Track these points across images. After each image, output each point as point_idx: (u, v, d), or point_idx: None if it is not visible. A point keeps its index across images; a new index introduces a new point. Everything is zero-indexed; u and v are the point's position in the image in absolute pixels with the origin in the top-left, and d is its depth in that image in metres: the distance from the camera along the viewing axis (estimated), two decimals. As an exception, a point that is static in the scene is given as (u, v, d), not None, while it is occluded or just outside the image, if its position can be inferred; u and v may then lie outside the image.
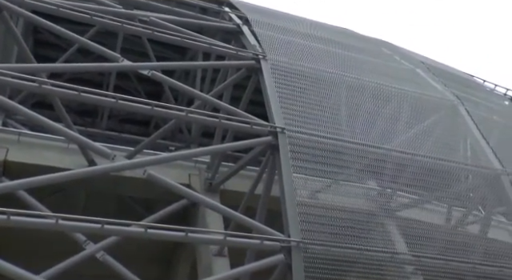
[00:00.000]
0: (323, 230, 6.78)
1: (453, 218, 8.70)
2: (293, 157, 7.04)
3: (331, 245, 6.65)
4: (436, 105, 10.28)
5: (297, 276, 6.29)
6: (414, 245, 7.39)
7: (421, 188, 8.36)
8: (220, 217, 7.99)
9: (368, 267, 6.90)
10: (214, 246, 7.97)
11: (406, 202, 8.52)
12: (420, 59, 12.51)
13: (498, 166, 9.13)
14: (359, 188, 8.05)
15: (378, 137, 8.45)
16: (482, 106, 11.57)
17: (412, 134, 9.02)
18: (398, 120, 9.17)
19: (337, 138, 7.81)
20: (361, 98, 8.99)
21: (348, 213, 7.34)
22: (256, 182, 7.81)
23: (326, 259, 6.57)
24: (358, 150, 7.98)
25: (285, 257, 6.39)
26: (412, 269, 7.44)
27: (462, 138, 10.16)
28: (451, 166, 8.74)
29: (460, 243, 7.61)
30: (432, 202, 8.55)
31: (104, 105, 7.49)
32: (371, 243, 7.04)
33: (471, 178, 9.43)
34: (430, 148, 8.85)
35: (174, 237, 6.14)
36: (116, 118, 13.09)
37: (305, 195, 7.00)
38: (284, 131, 7.20)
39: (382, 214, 7.93)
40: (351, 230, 7.05)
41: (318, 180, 7.49)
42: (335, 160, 7.62)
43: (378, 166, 8.14)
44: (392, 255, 7.15)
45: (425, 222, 7.93)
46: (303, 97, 7.96)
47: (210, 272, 7.85)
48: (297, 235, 6.46)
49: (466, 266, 7.27)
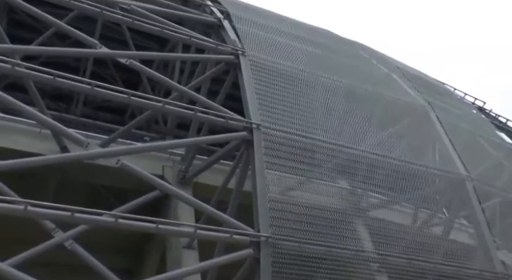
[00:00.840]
0: (293, 227, 6.81)
1: (418, 220, 8.87)
2: (267, 153, 7.04)
3: (300, 241, 6.68)
4: (408, 109, 10.44)
5: (264, 271, 6.30)
6: (380, 244, 7.50)
7: (390, 189, 8.49)
8: (192, 209, 7.95)
9: (335, 264, 6.95)
10: (185, 239, 7.93)
11: (376, 202, 8.64)
12: (395, 64, 12.68)
13: (463, 171, 9.35)
14: (330, 187, 8.12)
15: (350, 137, 8.54)
16: (452, 113, 11.81)
17: (384, 136, 9.14)
18: (371, 122, 9.28)
19: (310, 137, 7.85)
20: (336, 99, 9.06)
21: (318, 210, 7.39)
22: (229, 177, 7.79)
23: (294, 255, 6.60)
24: (331, 149, 8.05)
25: (254, 251, 6.39)
26: (377, 267, 7.56)
27: (431, 143, 10.36)
28: (420, 170, 8.89)
29: (423, 243, 7.77)
30: (400, 204, 8.70)
31: (79, 91, 7.33)
32: (339, 241, 7.10)
33: (438, 182, 9.62)
34: (400, 151, 8.99)
35: (144, 228, 6.07)
36: (91, 104, 12.82)
37: (276, 191, 7.02)
38: (259, 127, 7.20)
39: (351, 212, 8.01)
40: (320, 227, 7.11)
41: (291, 177, 7.52)
42: (308, 158, 7.67)
43: (350, 166, 8.23)
44: (358, 253, 7.23)
45: (392, 222, 8.06)
46: (280, 94, 7.97)
47: (179, 264, 7.82)
48: (266, 230, 6.47)
49: (427, 266, 7.43)
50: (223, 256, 6.77)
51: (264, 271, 6.31)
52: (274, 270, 6.35)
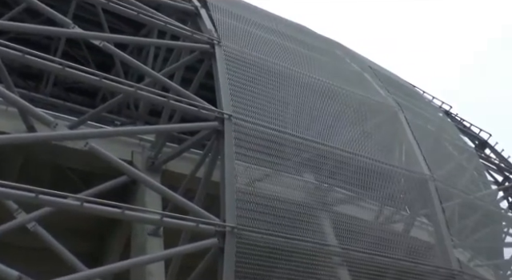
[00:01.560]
0: (258, 218, 6.83)
1: (382, 216, 9.05)
2: (236, 144, 7.04)
3: (264, 232, 6.72)
4: (378, 109, 10.60)
5: (228, 260, 6.32)
6: (343, 238, 7.62)
7: (356, 186, 8.63)
8: (159, 197, 7.89)
9: (298, 256, 7.03)
10: (150, 226, 7.88)
11: (341, 197, 8.77)
12: (368, 64, 12.84)
13: (427, 171, 9.58)
14: (297, 180, 8.19)
15: (320, 133, 8.62)
16: (420, 115, 12.06)
17: (353, 134, 9.26)
18: (342, 119, 9.39)
19: (281, 130, 7.89)
20: (308, 94, 9.12)
21: (284, 203, 7.44)
22: (198, 166, 7.77)
23: (258, 246, 6.64)
24: (300, 143, 8.11)
25: (218, 241, 6.39)
26: (339, 260, 7.69)
27: (399, 143, 10.56)
28: (386, 168, 9.06)
29: (385, 239, 7.94)
30: (365, 200, 8.84)
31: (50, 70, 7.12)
32: (303, 234, 7.17)
33: (403, 181, 9.83)
34: (368, 149, 9.13)
35: (110, 213, 5.99)
36: (61, 85, 12.50)
37: (244, 183, 7.04)
38: (231, 118, 7.18)
39: (316, 206, 8.10)
40: (285, 219, 7.16)
41: (259, 169, 7.55)
42: (277, 151, 7.70)
43: (318, 161, 8.31)
44: (322, 246, 7.32)
45: (356, 218, 8.20)
46: (253, 86, 7.97)
47: (144, 251, 7.77)
48: (232, 221, 6.48)
49: (388, 261, 7.59)
50: (188, 245, 6.75)
51: (228, 261, 6.32)
52: (238, 260, 6.38)
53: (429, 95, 15.72)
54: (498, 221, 12.05)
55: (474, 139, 15.24)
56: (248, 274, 6.41)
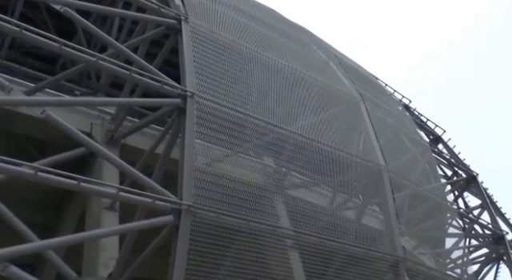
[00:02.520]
0: (215, 198, 6.87)
1: (335, 202, 9.26)
2: (198, 122, 7.00)
3: (221, 213, 6.76)
4: (340, 98, 10.76)
5: (182, 238, 6.33)
6: (296, 221, 7.77)
7: (313, 171, 8.78)
8: (116, 171, 7.78)
9: (251, 237, 7.12)
10: (106, 200, 7.77)
11: (298, 182, 8.90)
12: (334, 53, 12.97)
13: (382, 162, 9.83)
14: (256, 163, 8.25)
15: (282, 117, 8.68)
16: (380, 107, 12.32)
17: (314, 121, 9.38)
18: (304, 106, 9.48)
19: (244, 112, 7.90)
20: (273, 79, 9.15)
21: (242, 184, 7.50)
22: (158, 142, 7.69)
23: (213, 225, 6.68)
24: (262, 127, 8.16)
25: (174, 218, 6.39)
26: (291, 243, 7.84)
27: (358, 133, 10.77)
28: (343, 156, 9.24)
29: (337, 225, 8.13)
30: (320, 186, 9.01)
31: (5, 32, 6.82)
32: (258, 215, 7.25)
33: (358, 170, 10.06)
34: (327, 136, 9.27)
35: (65, 184, 5.85)
36: (19, 49, 11.97)
37: (203, 162, 7.03)
38: (193, 96, 7.12)
39: (272, 189, 8.20)
40: (241, 200, 7.22)
41: (219, 149, 7.56)
42: (238, 132, 7.72)
43: (278, 146, 8.39)
44: (275, 229, 7.44)
45: (310, 203, 8.35)
46: (218, 66, 7.92)
47: (99, 225, 7.67)
48: (189, 199, 6.48)
49: (337, 245, 7.79)
50: (143, 221, 6.72)
51: (182, 239, 6.34)
52: (192, 239, 6.40)
53: (390, 88, 16.10)
54: (443, 212, 12.55)
55: (429, 134, 15.72)
56: (201, 253, 6.45)
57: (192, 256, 6.36)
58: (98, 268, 7.16)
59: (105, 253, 7.34)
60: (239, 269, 6.94)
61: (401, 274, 8.49)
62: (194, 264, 6.37)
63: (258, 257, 7.18)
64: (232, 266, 6.99)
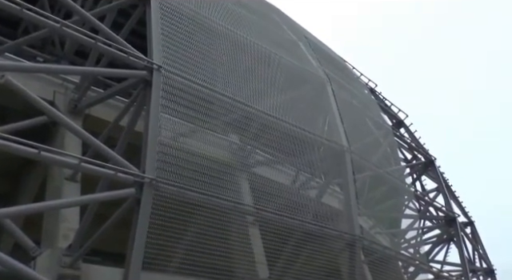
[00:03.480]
0: (178, 172, 6.82)
1: (298, 181, 9.36)
2: (164, 96, 6.90)
3: (183, 187, 6.73)
4: (307, 79, 10.79)
5: (144, 212, 6.29)
6: (258, 199, 7.81)
7: (278, 150, 8.82)
8: (79, 141, 7.58)
9: (213, 213, 7.13)
10: (68, 170, 7.59)
11: (262, 160, 8.93)
12: (304, 34, 12.94)
13: (345, 143, 9.96)
14: (221, 139, 8.22)
15: (249, 96, 8.64)
16: (346, 89, 12.42)
17: (281, 100, 9.38)
18: (271, 85, 9.45)
19: (211, 89, 7.82)
20: (242, 56, 9.06)
21: (206, 160, 7.46)
22: (122, 114, 7.52)
23: (175, 200, 6.65)
24: (229, 104, 8.10)
25: (136, 191, 6.33)
26: (252, 219, 7.90)
27: (323, 114, 10.85)
28: (308, 136, 9.30)
29: (297, 203, 8.23)
30: (284, 165, 9.08)
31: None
32: (221, 191, 7.27)
33: (322, 150, 10.17)
34: (293, 116, 9.30)
35: (25, 152, 5.68)
36: (-25, 10, 11.36)
37: (168, 136, 6.96)
38: (160, 69, 6.99)
39: (237, 167, 8.21)
40: (205, 176, 7.20)
41: (184, 124, 7.47)
42: (205, 109, 7.65)
43: (244, 123, 8.36)
44: (237, 205, 7.47)
45: (273, 181, 8.41)
46: (187, 40, 7.77)
47: (59, 195, 7.51)
48: (152, 172, 6.42)
49: (297, 223, 7.90)
50: (105, 192, 6.62)
51: (143, 212, 6.30)
52: (154, 212, 6.37)
53: (357, 71, 16.25)
54: (401, 194, 12.89)
55: (392, 118, 16.01)
56: (162, 227, 6.43)
57: (153, 229, 6.32)
58: (58, 239, 7.04)
59: (65, 224, 7.21)
60: (199, 243, 6.95)
61: (357, 252, 8.70)
62: (155, 237, 6.34)
63: (219, 232, 7.21)
64: (192, 241, 7.00)
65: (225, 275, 7.07)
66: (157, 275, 6.71)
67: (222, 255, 7.09)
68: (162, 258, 6.48)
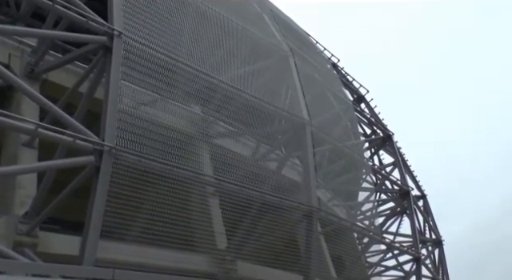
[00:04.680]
0: (139, 141, 6.76)
1: (258, 153, 9.45)
2: (125, 63, 6.76)
3: (143, 156, 6.69)
4: (271, 51, 10.77)
5: (102, 179, 6.23)
6: (219, 170, 7.86)
7: (239, 122, 8.84)
8: (36, 107, 7.39)
9: (173, 182, 7.13)
10: (25, 136, 7.40)
11: (223, 131, 8.95)
12: (270, 7, 12.84)
13: (306, 117, 10.07)
14: (183, 110, 8.17)
15: (212, 66, 8.57)
16: (309, 63, 12.49)
17: (243, 72, 9.35)
18: (234, 56, 9.39)
19: (174, 58, 7.71)
20: (206, 26, 8.93)
21: (167, 130, 7.42)
22: (81, 80, 7.34)
23: (135, 169, 6.61)
24: (192, 74, 8.02)
25: (95, 159, 6.25)
26: (212, 190, 7.96)
27: (285, 87, 10.91)
28: (270, 109, 9.36)
29: (257, 175, 8.33)
30: (245, 136, 9.13)
31: None
32: (181, 161, 7.25)
33: (283, 123, 10.27)
34: (256, 88, 9.31)
35: (-22, 117, 5.51)
36: None
37: (128, 104, 6.86)
38: (121, 35, 6.83)
39: (198, 137, 8.21)
40: (166, 146, 7.17)
41: (146, 93, 7.37)
42: (167, 78, 7.55)
43: (207, 94, 8.32)
44: (197, 176, 7.49)
45: (234, 152, 8.46)
46: (150, 8, 7.59)
47: (15, 161, 7.32)
48: (111, 141, 6.34)
49: (256, 194, 8.01)
50: (63, 159, 6.50)
51: (102, 180, 6.24)
52: (113, 181, 6.32)
53: (321, 46, 16.33)
54: (359, 168, 13.22)
55: (353, 93, 16.26)
56: (121, 195, 6.40)
57: (112, 198, 6.29)
58: (14, 206, 6.91)
59: (21, 191, 7.07)
60: (159, 213, 6.97)
61: (313, 223, 8.93)
62: (114, 206, 6.31)
63: (179, 202, 7.23)
64: (152, 210, 7.01)
65: (184, 245, 7.14)
66: (116, 244, 6.71)
67: (181, 225, 7.13)
68: (121, 227, 6.46)
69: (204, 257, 7.93)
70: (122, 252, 6.82)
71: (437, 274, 15.39)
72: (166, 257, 7.27)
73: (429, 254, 15.64)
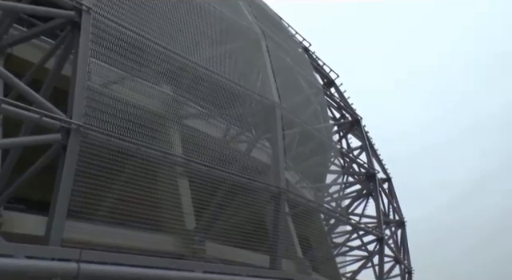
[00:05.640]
0: (108, 120, 6.61)
1: (228, 135, 9.41)
2: (94, 40, 6.57)
3: (112, 135, 6.56)
4: (243, 33, 10.67)
5: (70, 158, 6.08)
6: (188, 150, 7.78)
7: (210, 103, 8.75)
8: (0, 82, 7.11)
9: (142, 163, 7.03)
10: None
11: (194, 112, 8.85)
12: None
13: (276, 99, 10.07)
14: (154, 89, 8.02)
15: (183, 46, 8.43)
16: (281, 46, 12.44)
17: (215, 53, 9.23)
18: (206, 36, 9.25)
19: (144, 36, 7.54)
20: (177, 5, 8.75)
21: (137, 109, 7.28)
22: (48, 56, 7.09)
23: (103, 148, 6.48)
24: (162, 53, 7.87)
25: (62, 137, 6.08)
26: (181, 170, 7.89)
27: (256, 69, 10.85)
28: (241, 91, 9.29)
29: (226, 156, 8.30)
30: (215, 118, 9.06)
31: None
32: (151, 141, 7.15)
33: (254, 105, 10.23)
34: (227, 70, 9.22)
35: None
36: None
37: (97, 82, 6.68)
38: (90, 11, 6.61)
39: (168, 117, 8.09)
40: (136, 125, 7.03)
41: (115, 71, 7.19)
42: (137, 56, 7.39)
43: (177, 74, 8.18)
44: (167, 156, 7.40)
45: (204, 133, 8.39)
46: (120, -16, 7.35)
47: (-22, 138, 7.05)
48: (79, 118, 6.18)
49: (225, 175, 7.99)
50: (29, 137, 6.31)
51: (69, 159, 6.08)
52: (80, 160, 6.17)
53: (293, 30, 16.26)
54: (328, 151, 13.36)
55: (323, 77, 16.33)
56: (90, 175, 6.26)
57: (79, 177, 6.15)
58: (-23, 184, 6.68)
59: (-16, 169, 6.83)
60: (128, 193, 6.87)
61: (281, 205, 8.99)
62: (82, 186, 6.18)
63: (148, 182, 7.14)
64: (121, 190, 6.90)
65: (153, 225, 7.08)
66: (84, 225, 6.59)
67: (150, 205, 7.06)
68: (89, 207, 6.34)
69: (172, 237, 7.89)
70: (90, 232, 6.70)
71: (398, 253, 15.84)
72: (134, 237, 7.20)
73: (392, 235, 16.05)
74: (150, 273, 6.13)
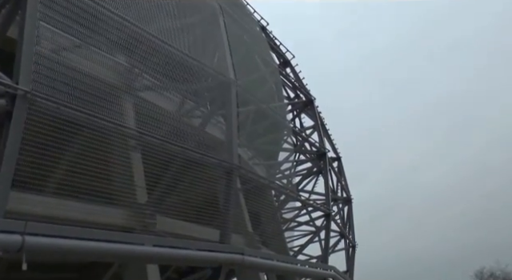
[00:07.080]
0: (58, 88, 6.24)
1: (183, 109, 9.19)
2: (43, 2, 6.13)
3: (62, 104, 6.21)
4: (200, 8, 10.36)
5: (15, 125, 5.72)
6: (142, 123, 7.52)
7: (165, 76, 8.48)
8: None
9: (93, 134, 6.73)
10: None
11: (148, 84, 8.56)
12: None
13: (232, 76, 9.91)
14: (107, 59, 7.66)
15: (139, 16, 8.08)
16: (238, 24, 12.21)
17: (171, 25, 8.92)
18: (162, 9, 8.92)
19: (98, 3, 7.13)
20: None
21: (89, 78, 6.93)
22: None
23: (52, 116, 6.13)
24: (117, 21, 7.50)
25: (7, 103, 5.70)
26: (134, 143, 7.63)
27: (213, 45, 10.60)
28: (196, 65, 9.05)
29: (181, 130, 8.09)
30: (170, 91, 8.80)
31: None
32: (103, 112, 6.84)
33: (209, 80, 10.02)
34: (183, 43, 8.94)
35: None
36: None
37: (47, 47, 6.27)
38: None
39: (122, 88, 7.77)
40: (88, 95, 6.70)
41: (67, 37, 6.78)
42: (90, 23, 6.99)
43: (132, 44, 7.84)
44: (119, 127, 7.12)
45: (158, 106, 8.14)
46: None
47: None
48: (26, 85, 5.81)
49: (178, 149, 7.80)
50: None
51: (15, 126, 5.73)
52: (27, 128, 5.82)
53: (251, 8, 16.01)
54: (281, 129, 13.39)
55: (280, 57, 16.25)
56: (37, 144, 5.92)
57: (27, 146, 5.80)
58: None
59: None
60: (79, 165, 6.57)
61: (233, 180, 8.92)
62: (29, 155, 5.84)
63: (99, 154, 6.85)
64: (71, 162, 6.59)
65: (103, 198, 6.84)
66: (32, 196, 6.26)
67: (101, 178, 6.79)
68: (37, 178, 6.00)
69: (123, 210, 7.67)
70: (38, 204, 6.38)
71: (344, 228, 16.27)
72: (84, 210, 6.94)
73: (339, 211, 16.44)
74: (98, 246, 5.91)
